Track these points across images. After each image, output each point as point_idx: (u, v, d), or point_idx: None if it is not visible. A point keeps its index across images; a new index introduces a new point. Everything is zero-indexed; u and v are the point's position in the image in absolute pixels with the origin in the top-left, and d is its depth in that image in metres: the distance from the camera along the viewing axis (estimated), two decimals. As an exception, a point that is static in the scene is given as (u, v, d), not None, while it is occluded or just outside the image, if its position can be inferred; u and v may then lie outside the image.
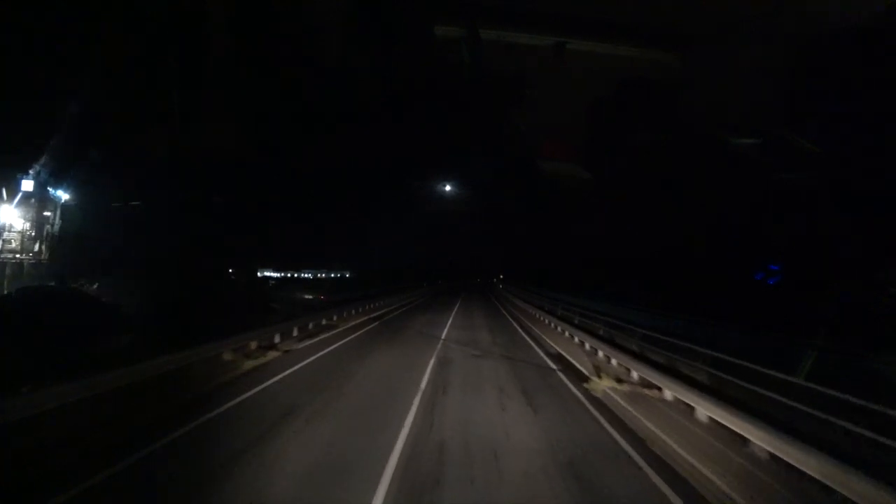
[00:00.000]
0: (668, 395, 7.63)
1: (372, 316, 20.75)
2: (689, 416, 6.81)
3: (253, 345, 10.46)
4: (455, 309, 27.53)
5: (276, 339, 11.64)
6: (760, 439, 5.25)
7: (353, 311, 20.27)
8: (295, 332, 13.12)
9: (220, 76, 22.19)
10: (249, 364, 9.33)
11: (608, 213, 33.64)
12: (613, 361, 10.19)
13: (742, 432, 5.59)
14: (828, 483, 4.29)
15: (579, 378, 9.34)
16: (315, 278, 66.44)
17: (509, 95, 19.83)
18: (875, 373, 6.83)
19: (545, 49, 13.19)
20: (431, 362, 10.35)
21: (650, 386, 8.23)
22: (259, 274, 53.39)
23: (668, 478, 4.89)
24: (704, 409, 6.43)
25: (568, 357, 11.54)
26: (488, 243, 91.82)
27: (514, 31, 13.05)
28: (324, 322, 16.19)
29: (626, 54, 13.37)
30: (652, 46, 13.27)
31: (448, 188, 50.16)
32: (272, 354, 10.41)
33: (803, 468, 4.60)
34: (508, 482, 4.64)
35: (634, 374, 8.94)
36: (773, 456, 5.13)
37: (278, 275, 61.73)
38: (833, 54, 13.09)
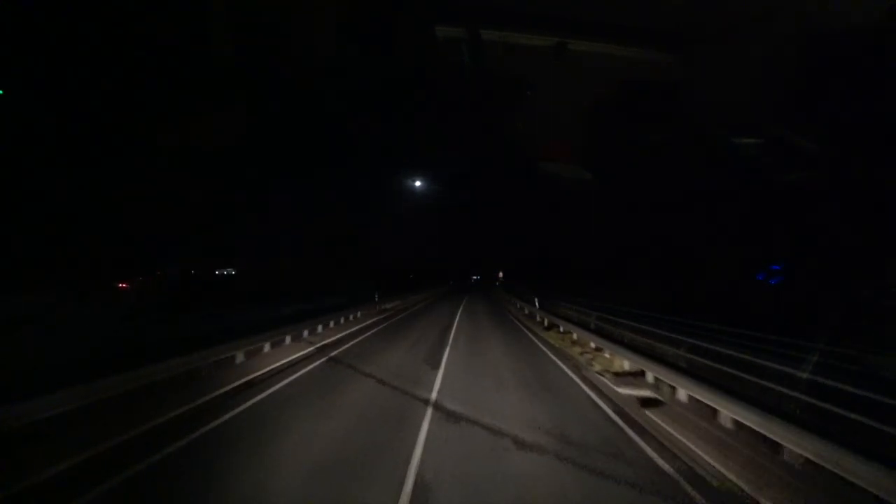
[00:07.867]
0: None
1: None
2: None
3: None
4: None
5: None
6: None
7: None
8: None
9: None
10: None
11: (608, 212, 33.64)
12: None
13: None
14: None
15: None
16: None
17: (509, 96, 19.81)
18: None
19: (546, 50, 13.18)
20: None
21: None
22: (217, 272, 49.96)
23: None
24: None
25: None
26: (487, 243, 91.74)
27: (516, 32, 13.03)
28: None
29: (627, 55, 13.36)
30: (653, 47, 13.26)
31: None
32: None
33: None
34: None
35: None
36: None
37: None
38: (833, 54, 13.09)
